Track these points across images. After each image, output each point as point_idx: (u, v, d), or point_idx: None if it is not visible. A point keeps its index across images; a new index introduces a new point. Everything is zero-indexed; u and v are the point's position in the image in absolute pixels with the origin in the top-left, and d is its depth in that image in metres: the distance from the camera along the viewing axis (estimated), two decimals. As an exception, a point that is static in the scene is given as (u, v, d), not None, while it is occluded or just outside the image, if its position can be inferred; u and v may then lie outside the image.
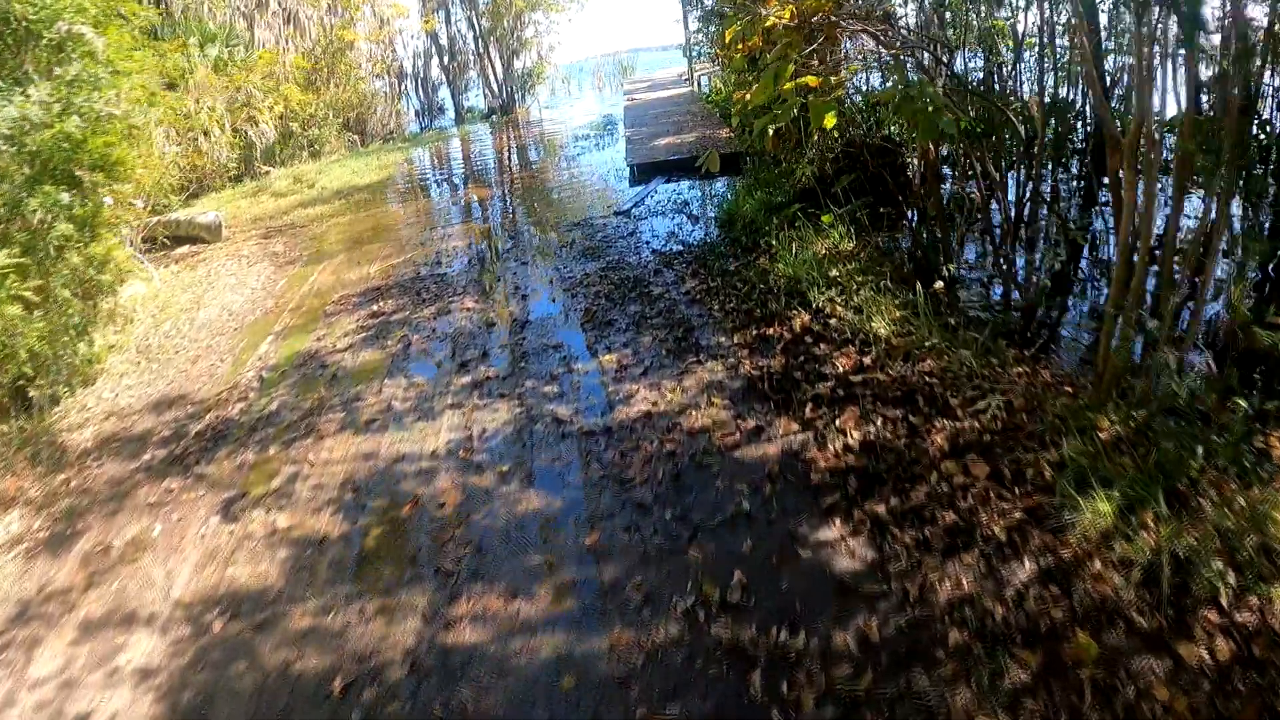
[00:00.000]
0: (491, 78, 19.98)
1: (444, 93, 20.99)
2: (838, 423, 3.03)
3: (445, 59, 20.37)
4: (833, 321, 3.87)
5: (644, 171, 9.04)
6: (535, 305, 4.94)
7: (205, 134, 12.74)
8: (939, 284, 4.12)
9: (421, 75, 20.86)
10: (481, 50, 19.83)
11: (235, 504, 3.24)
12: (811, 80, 2.60)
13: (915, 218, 5.21)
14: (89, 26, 5.64)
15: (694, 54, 18.58)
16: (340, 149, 15.83)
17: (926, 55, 3.86)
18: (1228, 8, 3.11)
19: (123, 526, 3.21)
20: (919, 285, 3.82)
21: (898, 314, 3.64)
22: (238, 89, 13.81)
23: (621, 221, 6.76)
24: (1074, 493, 2.33)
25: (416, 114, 20.54)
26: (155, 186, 9.18)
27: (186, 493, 3.40)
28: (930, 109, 2.43)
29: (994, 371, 3.19)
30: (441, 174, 12.30)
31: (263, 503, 3.21)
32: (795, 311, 4.02)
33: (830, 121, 2.75)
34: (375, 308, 5.36)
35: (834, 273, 4.23)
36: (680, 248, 5.64)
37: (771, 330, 3.90)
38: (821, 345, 3.66)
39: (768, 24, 2.74)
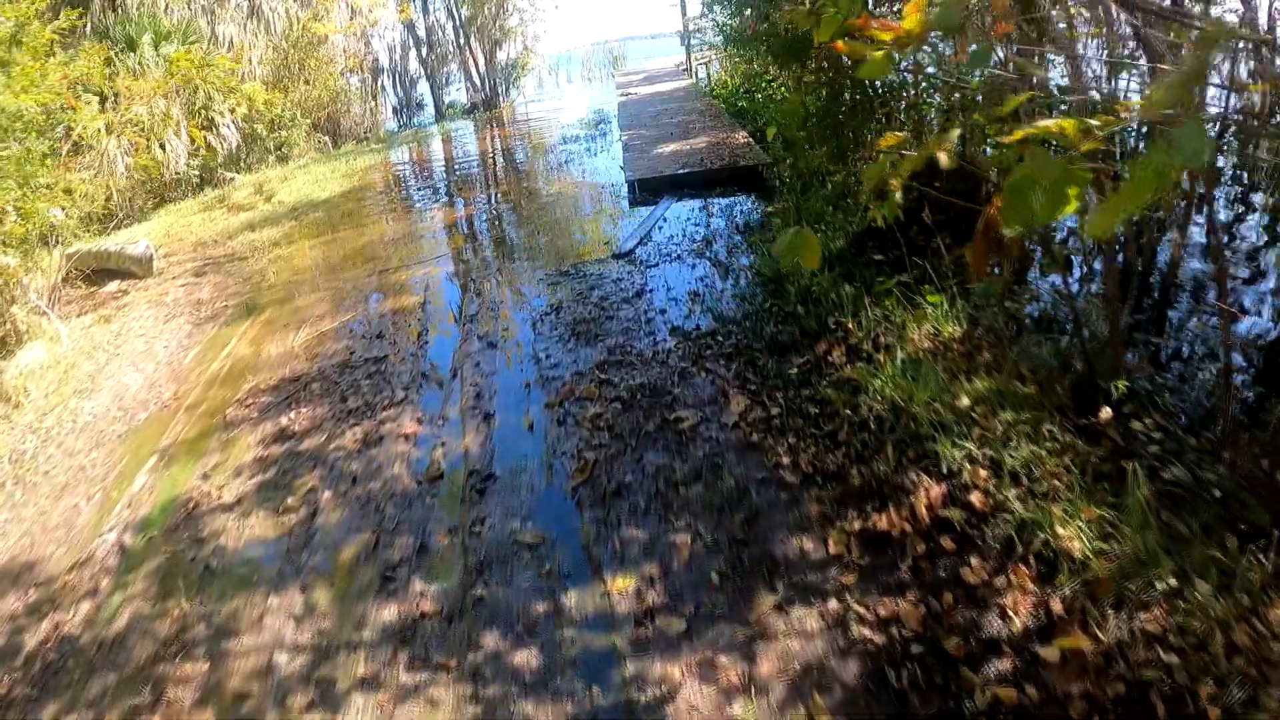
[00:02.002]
0: (473, 70, 18.32)
1: (423, 87, 19.32)
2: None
3: (424, 51, 18.68)
4: (975, 499, 2.38)
5: (647, 189, 7.49)
6: (504, 437, 3.37)
7: (161, 145, 11.30)
8: (1106, 411, 2.64)
9: (399, 69, 19.20)
10: (462, 41, 18.16)
11: None
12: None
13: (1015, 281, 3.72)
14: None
15: (693, 42, 17.01)
16: (310, 152, 14.42)
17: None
18: None
19: None
20: (1120, 439, 2.35)
21: (1095, 511, 2.15)
22: (194, 90, 12.37)
23: (624, 270, 5.20)
24: None
25: (394, 111, 18.93)
26: (63, 224, 7.70)
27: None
28: None
29: (1249, 630, 1.75)
30: (409, 187, 10.70)
31: None
32: (916, 477, 2.52)
33: (1075, 206, 1.21)
34: (285, 420, 3.84)
35: (963, 400, 2.72)
36: (712, 324, 4.04)
37: (884, 521, 2.38)
38: (973, 561, 2.17)
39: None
